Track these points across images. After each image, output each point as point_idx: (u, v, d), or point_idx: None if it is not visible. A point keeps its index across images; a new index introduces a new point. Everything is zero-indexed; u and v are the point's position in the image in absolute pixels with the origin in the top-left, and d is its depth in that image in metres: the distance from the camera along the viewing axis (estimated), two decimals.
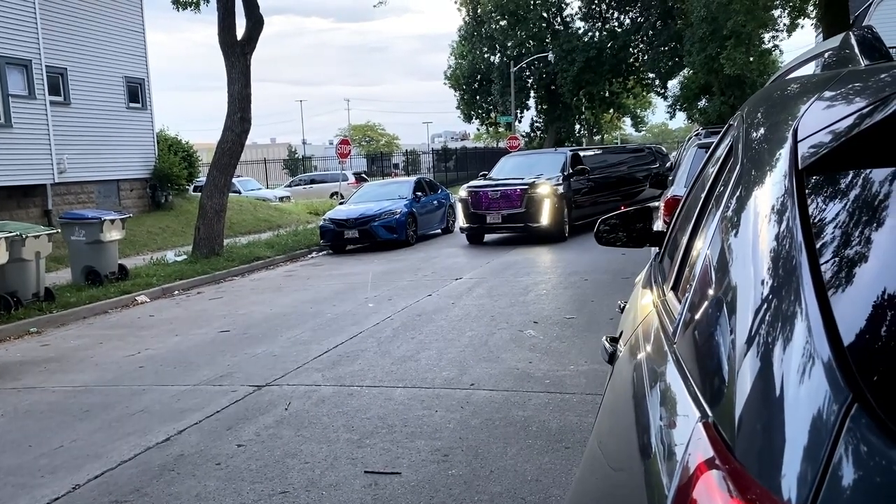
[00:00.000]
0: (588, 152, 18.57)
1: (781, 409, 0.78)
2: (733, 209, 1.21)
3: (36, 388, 6.73)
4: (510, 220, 15.32)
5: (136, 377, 6.85)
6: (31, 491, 4.33)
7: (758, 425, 0.81)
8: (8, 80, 16.93)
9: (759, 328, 0.89)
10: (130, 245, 16.85)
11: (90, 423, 5.57)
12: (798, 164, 1.01)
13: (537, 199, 14.98)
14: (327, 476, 4.24)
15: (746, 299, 0.96)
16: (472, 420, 5.04)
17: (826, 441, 0.70)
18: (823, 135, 1.01)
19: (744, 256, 1.06)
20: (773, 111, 1.43)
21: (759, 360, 0.85)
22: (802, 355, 0.79)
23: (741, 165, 1.30)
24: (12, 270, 9.95)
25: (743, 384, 0.86)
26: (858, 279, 0.83)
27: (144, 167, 21.57)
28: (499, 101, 49.59)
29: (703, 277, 1.23)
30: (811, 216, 0.93)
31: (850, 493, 0.66)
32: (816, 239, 0.89)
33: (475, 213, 15.63)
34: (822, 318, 0.79)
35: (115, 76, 20.90)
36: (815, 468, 0.69)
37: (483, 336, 7.44)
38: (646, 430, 1.18)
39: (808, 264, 0.85)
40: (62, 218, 12.60)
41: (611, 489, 1.35)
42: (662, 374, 1.23)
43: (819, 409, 0.73)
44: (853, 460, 0.68)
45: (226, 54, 15.25)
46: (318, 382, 6.18)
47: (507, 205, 15.24)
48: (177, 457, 4.71)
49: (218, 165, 15.54)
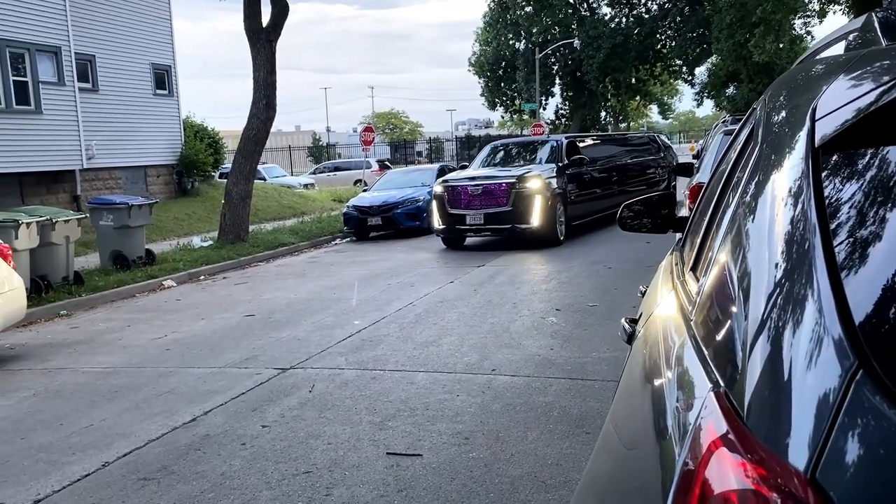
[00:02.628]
0: (587, 141, 16.28)
1: (789, 377, 0.80)
2: (751, 190, 1.22)
3: (66, 370, 6.87)
4: (494, 221, 12.93)
5: (162, 360, 6.96)
6: (62, 468, 4.44)
7: (766, 393, 0.83)
8: (38, 67, 17.17)
9: (772, 304, 0.90)
10: (157, 230, 17.06)
11: (118, 403, 5.69)
12: (815, 144, 1.02)
13: (526, 195, 12.66)
14: (350, 457, 4.30)
15: (761, 277, 0.97)
16: (493, 404, 5.07)
17: (831, 405, 0.72)
18: (840, 113, 1.02)
19: (760, 236, 1.07)
20: (793, 93, 1.43)
21: (770, 335, 0.87)
22: (812, 328, 0.80)
23: (760, 148, 1.31)
24: (42, 254, 10.14)
25: (754, 356, 0.88)
26: (871, 258, 0.84)
27: (171, 154, 21.79)
28: (523, 89, 49.31)
29: (721, 257, 1.24)
30: (827, 195, 0.93)
31: (853, 453, 0.68)
32: (831, 217, 0.90)
33: (452, 213, 13.27)
34: (832, 293, 0.80)
35: (142, 63, 21.12)
36: (820, 431, 0.71)
37: (505, 323, 7.46)
38: (659, 404, 1.20)
39: (822, 243, 0.87)
40: (91, 203, 12.79)
41: (623, 464, 1.36)
42: (678, 351, 1.25)
43: (825, 376, 0.75)
44: (857, 423, 0.69)
45: (251, 41, 15.34)
46: (341, 366, 6.25)
47: (491, 202, 12.92)
48: (203, 437, 4.80)
49: (243, 152, 15.66)
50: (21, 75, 16.85)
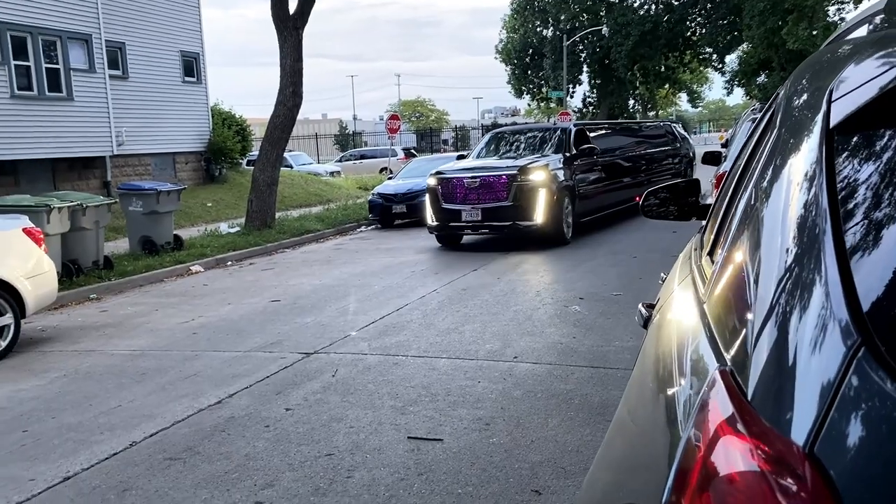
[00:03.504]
0: (598, 129, 14.93)
1: (794, 357, 0.80)
2: (767, 175, 1.21)
3: (95, 352, 7.00)
4: (493, 217, 11.64)
5: (189, 343, 7.07)
6: (91, 447, 4.54)
7: (770, 372, 0.83)
8: (70, 55, 17.42)
9: (781, 288, 0.91)
10: (185, 216, 17.26)
11: (146, 385, 5.79)
12: (829, 126, 1.01)
13: (529, 188, 11.37)
14: (371, 440, 4.35)
15: (772, 260, 0.97)
16: (514, 391, 5.08)
17: (832, 382, 0.72)
18: (855, 95, 1.01)
19: (773, 219, 1.06)
20: (814, 76, 1.42)
21: (778, 317, 0.87)
22: (819, 312, 0.81)
23: (777, 132, 1.30)
24: (73, 239, 10.31)
25: (760, 337, 0.88)
26: (881, 240, 0.84)
27: (199, 141, 22.00)
28: (550, 76, 48.95)
29: (735, 241, 1.24)
30: (840, 177, 0.93)
31: (851, 428, 0.68)
32: (843, 199, 0.90)
33: (446, 209, 12.02)
34: (840, 275, 0.80)
35: (171, 50, 21.31)
36: (820, 407, 0.71)
37: (527, 311, 7.46)
38: (669, 385, 1.20)
39: (832, 226, 0.86)
40: (120, 189, 12.97)
41: (634, 442, 1.37)
42: (689, 333, 1.26)
43: (828, 354, 0.75)
44: (857, 399, 0.69)
45: (278, 28, 15.40)
46: (364, 351, 6.30)
47: (490, 196, 11.62)
48: (227, 419, 4.88)
49: (270, 139, 15.77)
50: (53, 63, 17.11)
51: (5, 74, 16.01)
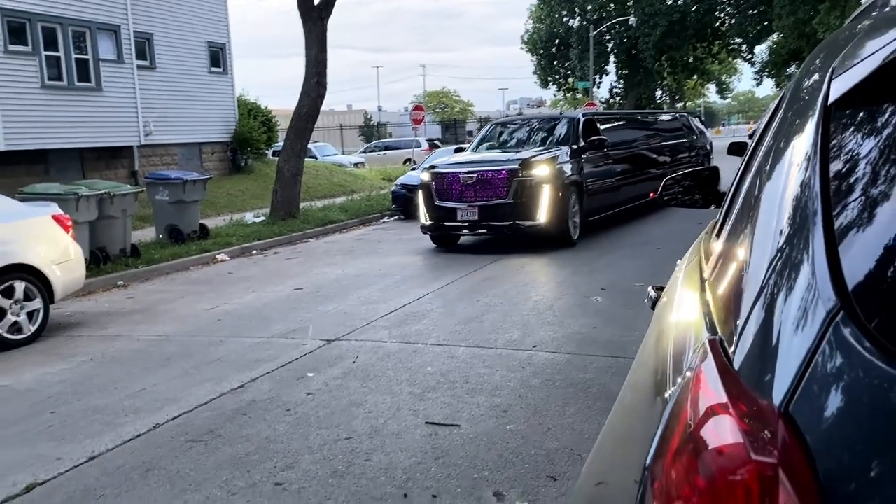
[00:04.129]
0: (609, 121, 13.81)
1: (778, 327, 0.82)
2: (770, 155, 1.22)
3: (121, 337, 7.13)
4: (491, 216, 10.62)
5: (213, 329, 7.17)
6: (116, 428, 4.64)
7: (755, 341, 0.86)
8: (99, 46, 17.65)
9: (772, 262, 0.92)
10: (211, 206, 17.45)
11: (170, 369, 5.89)
12: (827, 102, 1.01)
13: (531, 184, 10.37)
14: (390, 425, 4.39)
15: (766, 237, 0.99)
16: (532, 380, 5.10)
17: (810, 344, 0.73)
18: (854, 71, 1.01)
19: (772, 197, 1.07)
20: (824, 56, 1.41)
21: (766, 290, 0.89)
22: (805, 284, 0.82)
23: (783, 112, 1.30)
24: (101, 227, 10.49)
25: (751, 311, 0.90)
26: (866, 214, 0.85)
27: (225, 131, 22.20)
28: (577, 67, 48.64)
29: (737, 220, 1.25)
30: (833, 154, 0.94)
31: (824, 388, 0.70)
32: (834, 174, 0.91)
33: (440, 206, 11.02)
34: (825, 246, 0.81)
35: (197, 41, 21.50)
36: (798, 369, 0.73)
37: (548, 301, 7.46)
38: (664, 359, 1.21)
39: (822, 200, 0.87)
40: (147, 178, 13.14)
41: (636, 408, 1.39)
42: (689, 308, 1.27)
43: (809, 319, 0.77)
44: (831, 360, 0.71)
45: (303, 19, 15.47)
46: (384, 339, 6.35)
47: (488, 193, 10.61)
48: (249, 402, 4.95)
49: (295, 129, 15.87)
50: (82, 53, 17.36)
51: (36, 65, 16.27)
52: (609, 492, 1.19)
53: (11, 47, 15.79)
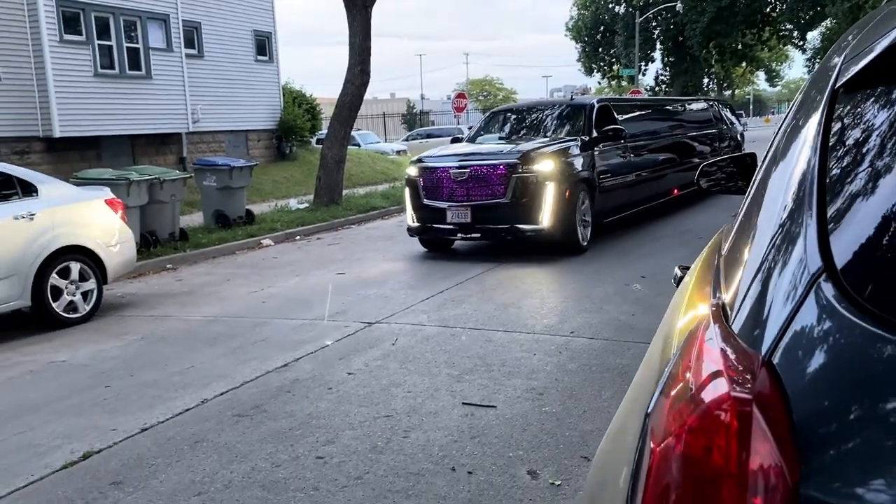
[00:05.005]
0: (628, 109, 12.11)
1: (772, 292, 0.89)
2: (785, 135, 1.28)
3: (170, 317, 7.38)
4: (486, 218, 9.28)
5: (258, 311, 7.38)
6: (166, 402, 4.85)
7: (752, 303, 0.93)
8: (149, 35, 18.08)
9: (774, 235, 0.99)
10: (256, 192, 17.78)
11: (217, 348, 6.10)
12: (836, 85, 1.07)
13: (534, 182, 9.07)
14: (428, 405, 4.51)
15: (772, 211, 1.06)
16: (569, 364, 5.16)
17: (795, 303, 0.81)
18: (863, 54, 1.06)
19: (781, 173, 1.13)
20: (848, 38, 1.46)
21: (765, 261, 0.96)
22: (798, 255, 0.89)
23: (802, 94, 1.36)
24: (151, 211, 10.81)
25: (749, 275, 0.98)
26: (855, 193, 0.92)
27: (271, 119, 22.54)
28: (622, 54, 48.12)
29: (753, 196, 1.31)
30: (834, 132, 1.00)
31: (803, 340, 0.78)
32: (833, 153, 0.97)
33: (429, 206, 9.69)
34: (817, 217, 0.88)
35: (244, 30, 21.84)
36: (782, 325, 0.80)
37: (586, 288, 7.49)
38: (672, 326, 1.29)
39: (818, 176, 0.94)
40: (195, 164, 13.46)
41: (637, 381, 1.46)
42: (702, 280, 1.34)
43: (796, 281, 0.84)
44: (811, 316, 0.79)
45: (347, 7, 15.61)
46: (423, 323, 6.47)
47: (483, 192, 9.26)
48: (293, 381, 5.12)
49: (338, 117, 16.06)
50: (133, 42, 17.80)
51: (89, 54, 16.75)
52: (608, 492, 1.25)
53: (66, 37, 16.28)
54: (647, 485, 0.86)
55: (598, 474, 1.27)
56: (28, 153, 15.82)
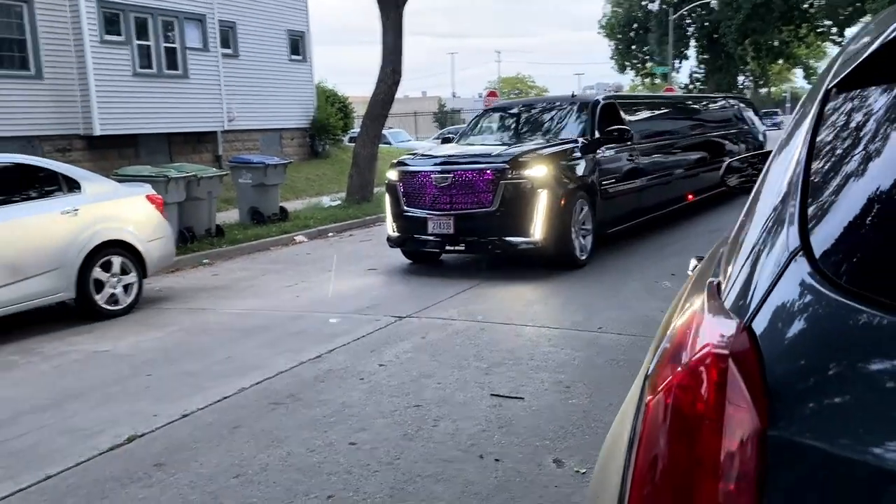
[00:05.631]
0: (637, 107, 11.07)
1: (759, 270, 1.00)
2: (789, 129, 1.37)
3: (208, 310, 7.60)
4: (471, 230, 8.28)
5: (292, 305, 7.56)
6: (206, 390, 5.04)
7: (740, 279, 1.04)
8: (186, 35, 18.46)
9: (766, 221, 1.10)
10: (290, 190, 18.05)
11: (253, 340, 6.29)
12: (830, 84, 1.17)
13: (524, 189, 8.06)
14: (457, 395, 4.64)
15: (769, 198, 1.17)
16: (596, 359, 5.25)
17: (774, 276, 0.92)
18: (855, 56, 1.16)
19: (779, 164, 1.24)
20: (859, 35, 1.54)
21: (757, 242, 1.07)
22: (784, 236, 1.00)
23: (809, 91, 1.44)
24: (189, 208, 11.08)
25: (743, 255, 1.09)
26: (834, 182, 1.03)
27: (304, 117, 22.84)
28: (655, 51, 47.77)
29: (757, 187, 1.41)
30: (823, 127, 1.10)
31: (778, 308, 0.89)
32: (818, 146, 1.08)
33: (409, 215, 8.72)
34: (800, 205, 1.00)
35: (278, 29, 22.16)
36: (762, 295, 0.92)
37: (615, 285, 7.55)
38: (674, 307, 1.40)
39: (804, 169, 1.05)
40: (231, 162, 13.74)
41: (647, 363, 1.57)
42: (708, 265, 1.44)
43: (777, 258, 0.95)
44: (787, 288, 0.90)
45: (381, 6, 15.78)
46: (453, 317, 6.59)
47: (467, 200, 8.28)
48: (326, 371, 5.28)
49: (370, 116, 16.25)
50: (171, 42, 18.18)
51: (128, 54, 17.15)
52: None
53: (107, 37, 16.69)
54: (641, 435, 0.98)
55: (608, 448, 1.38)
56: (69, 150, 16.26)
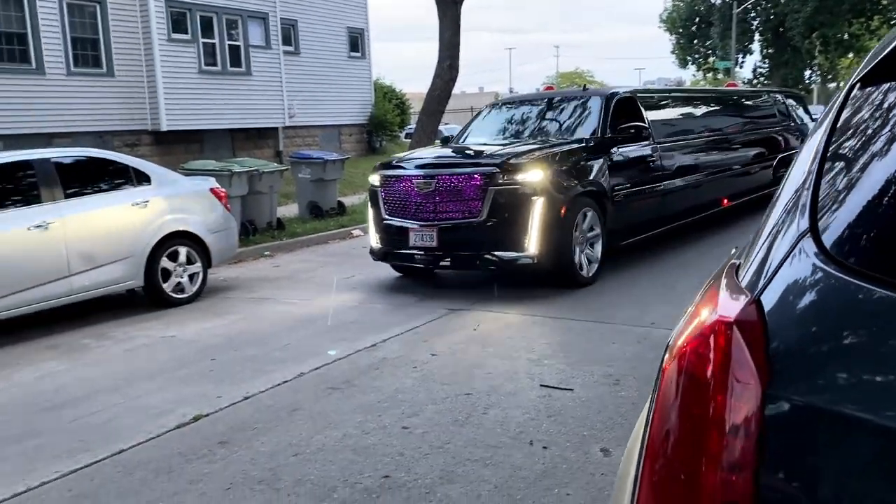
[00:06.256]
0: (661, 102, 9.86)
1: (772, 253, 1.10)
2: (817, 122, 1.45)
3: (269, 300, 7.87)
4: (456, 244, 7.27)
5: (349, 296, 7.78)
6: (267, 374, 5.27)
7: (757, 258, 1.14)
8: (249, 33, 18.96)
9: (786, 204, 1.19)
10: (348, 185, 18.37)
11: (311, 328, 6.52)
12: (854, 78, 1.25)
13: (518, 196, 7.03)
14: (507, 385, 4.75)
15: (791, 187, 1.25)
16: (647, 353, 5.28)
17: (783, 255, 1.01)
18: (881, 49, 1.23)
19: (805, 154, 1.32)
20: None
21: (773, 227, 1.16)
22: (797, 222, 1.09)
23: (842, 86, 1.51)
24: (251, 201, 11.43)
25: (761, 239, 1.18)
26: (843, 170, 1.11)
27: (362, 114, 23.20)
28: (718, 46, 46.73)
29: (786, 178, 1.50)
30: (841, 120, 1.18)
31: (785, 283, 0.99)
32: (834, 138, 1.16)
33: (390, 225, 7.77)
34: (812, 191, 1.08)
35: (338, 27, 22.56)
36: (772, 272, 1.01)
37: (670, 282, 7.53)
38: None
39: (820, 157, 1.14)
40: (291, 157, 14.09)
41: None
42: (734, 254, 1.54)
43: (788, 239, 1.04)
44: (794, 266, 0.99)
45: (438, 3, 15.94)
46: (505, 310, 6.70)
47: (454, 208, 7.26)
48: (380, 359, 5.46)
49: (427, 111, 16.44)
50: (235, 40, 18.70)
51: (194, 52, 17.72)
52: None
53: (174, 35, 17.28)
54: (657, 397, 1.08)
55: (636, 431, 1.49)
56: (137, 145, 16.90)
